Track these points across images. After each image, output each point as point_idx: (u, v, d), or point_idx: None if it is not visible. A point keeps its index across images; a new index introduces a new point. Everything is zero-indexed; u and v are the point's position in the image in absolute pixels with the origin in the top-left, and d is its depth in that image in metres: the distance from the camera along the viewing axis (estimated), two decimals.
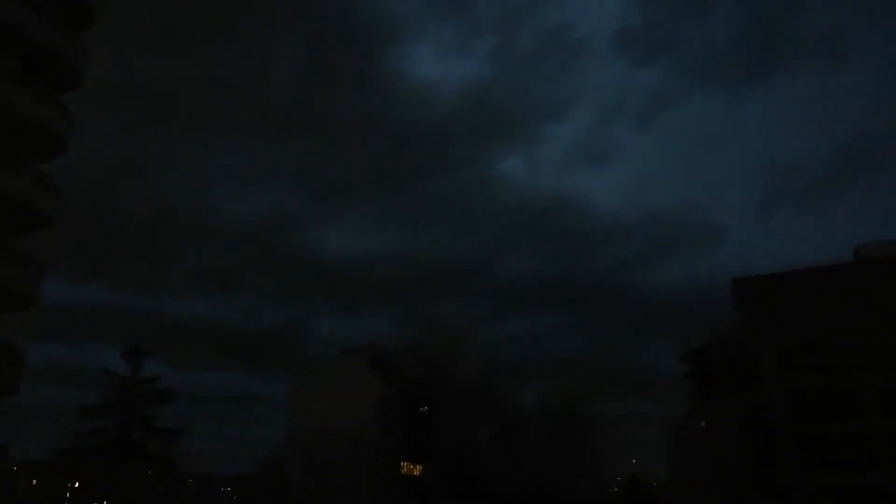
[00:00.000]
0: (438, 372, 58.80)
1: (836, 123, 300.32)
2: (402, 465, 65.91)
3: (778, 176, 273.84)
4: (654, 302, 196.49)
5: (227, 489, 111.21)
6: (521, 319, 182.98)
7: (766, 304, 53.45)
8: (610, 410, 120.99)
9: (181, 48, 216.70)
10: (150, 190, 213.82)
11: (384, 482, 61.68)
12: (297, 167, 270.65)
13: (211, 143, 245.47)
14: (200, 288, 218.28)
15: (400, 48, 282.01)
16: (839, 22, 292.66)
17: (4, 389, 24.77)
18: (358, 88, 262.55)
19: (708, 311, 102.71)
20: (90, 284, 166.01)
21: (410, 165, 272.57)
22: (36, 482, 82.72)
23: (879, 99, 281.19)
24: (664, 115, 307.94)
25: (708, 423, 59.34)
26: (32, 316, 27.63)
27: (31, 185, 25.16)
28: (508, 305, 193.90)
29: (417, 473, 66.41)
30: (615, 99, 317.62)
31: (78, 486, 56.72)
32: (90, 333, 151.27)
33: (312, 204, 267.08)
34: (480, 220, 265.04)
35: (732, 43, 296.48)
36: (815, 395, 48.48)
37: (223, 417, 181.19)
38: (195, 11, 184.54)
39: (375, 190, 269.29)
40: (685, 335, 62.06)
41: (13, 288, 24.46)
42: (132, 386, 42.25)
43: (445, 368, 58.64)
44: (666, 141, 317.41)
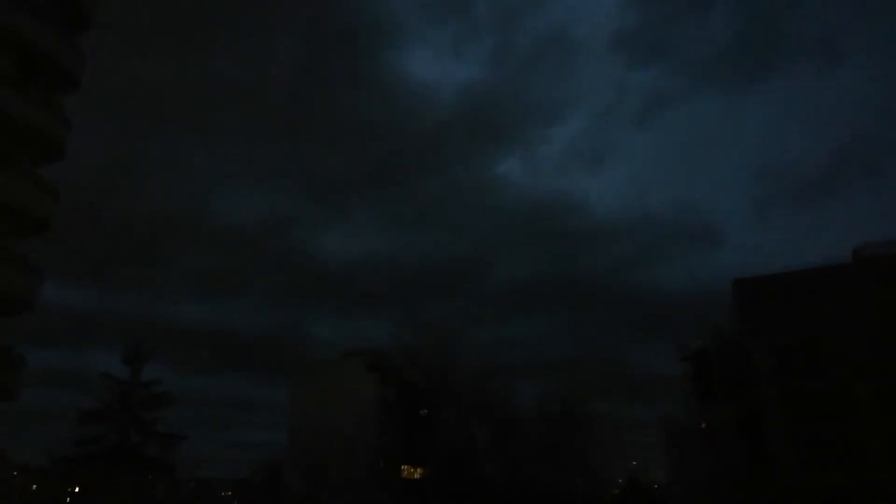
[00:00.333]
0: (437, 374, 58.74)
1: (833, 124, 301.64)
2: (402, 468, 65.75)
3: (776, 176, 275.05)
4: (651, 303, 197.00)
5: (226, 493, 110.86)
6: (519, 320, 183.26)
7: (764, 304, 53.55)
8: (609, 412, 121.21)
9: (180, 49, 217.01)
10: (147, 192, 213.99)
11: (383, 484, 61.56)
12: (295, 169, 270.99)
13: (210, 145, 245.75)
14: (199, 290, 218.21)
15: (398, 50, 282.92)
16: (836, 23, 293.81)
17: (4, 394, 24.65)
18: (356, 91, 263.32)
19: (706, 311, 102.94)
20: (89, 288, 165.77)
21: (409, 167, 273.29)
22: (35, 487, 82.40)
23: (877, 100, 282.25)
24: (662, 116, 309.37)
25: (707, 424, 59.35)
26: (31, 320, 27.56)
27: (28, 188, 25.05)
28: (507, 307, 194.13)
29: (418, 476, 66.30)
30: (613, 100, 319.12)
31: (78, 490, 56.54)
32: (89, 337, 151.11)
33: (311, 206, 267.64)
34: (479, 221, 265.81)
35: (730, 44, 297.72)
36: (813, 395, 48.59)
37: (223, 421, 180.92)
38: (194, 13, 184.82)
39: (374, 191, 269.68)
40: (683, 336, 62.12)
41: (12, 292, 24.36)
42: (131, 390, 42.22)
43: (444, 371, 58.57)
44: (664, 142, 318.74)
